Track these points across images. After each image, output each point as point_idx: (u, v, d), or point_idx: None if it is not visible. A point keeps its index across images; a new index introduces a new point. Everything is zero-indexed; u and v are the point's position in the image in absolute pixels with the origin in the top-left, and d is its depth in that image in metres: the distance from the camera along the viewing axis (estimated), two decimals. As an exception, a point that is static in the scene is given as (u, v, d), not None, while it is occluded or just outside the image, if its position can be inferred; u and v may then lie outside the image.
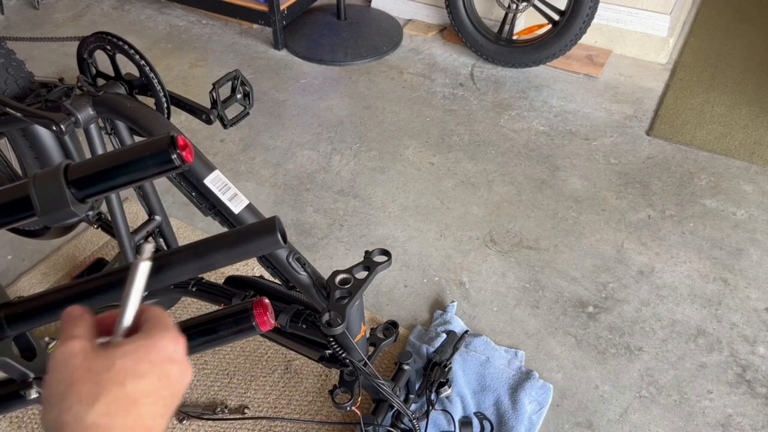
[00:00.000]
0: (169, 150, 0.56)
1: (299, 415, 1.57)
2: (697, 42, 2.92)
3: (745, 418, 1.55)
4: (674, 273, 1.89)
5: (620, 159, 2.30)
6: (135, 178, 0.58)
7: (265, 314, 0.61)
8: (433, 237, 2.02)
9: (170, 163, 0.56)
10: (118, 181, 0.58)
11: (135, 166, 0.57)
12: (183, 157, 0.57)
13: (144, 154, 0.57)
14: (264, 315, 0.61)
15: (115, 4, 3.31)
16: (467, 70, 2.78)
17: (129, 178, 0.58)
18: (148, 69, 1.26)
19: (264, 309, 0.61)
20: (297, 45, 2.94)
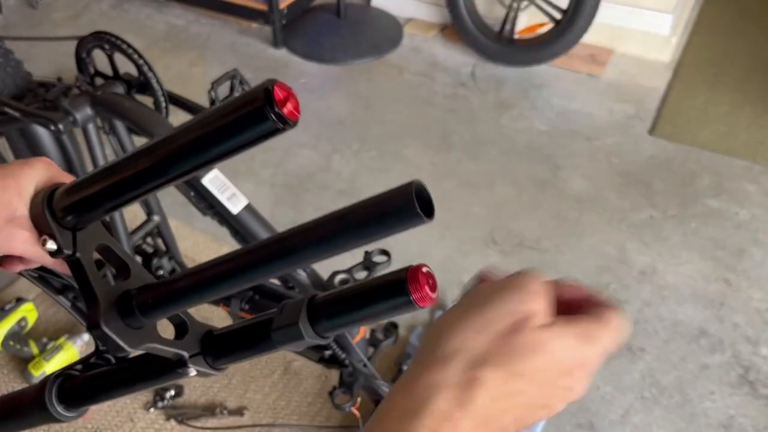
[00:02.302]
0: (264, 107, 0.44)
1: (299, 416, 1.56)
2: (700, 41, 2.90)
3: (747, 419, 1.54)
4: (676, 273, 1.88)
5: (622, 159, 2.29)
6: (227, 149, 0.47)
7: (423, 287, 0.50)
8: (434, 237, 2.01)
9: (267, 123, 0.44)
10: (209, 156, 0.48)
11: (219, 135, 0.47)
12: (284, 115, 0.45)
13: (234, 115, 0.46)
14: (422, 288, 0.50)
15: (114, 3, 3.30)
16: (468, 70, 2.77)
17: (224, 147, 0.47)
18: (147, 68, 1.25)
19: (421, 280, 0.50)
20: (297, 44, 2.93)
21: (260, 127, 0.45)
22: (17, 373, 1.65)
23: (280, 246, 0.54)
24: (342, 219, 0.51)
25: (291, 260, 0.54)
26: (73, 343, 1.66)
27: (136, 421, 1.56)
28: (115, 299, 0.58)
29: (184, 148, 0.49)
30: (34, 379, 1.60)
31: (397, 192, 0.49)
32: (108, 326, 0.56)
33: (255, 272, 0.56)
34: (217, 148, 0.48)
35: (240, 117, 0.46)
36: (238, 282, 0.57)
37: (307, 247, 0.53)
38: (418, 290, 0.50)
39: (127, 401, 1.60)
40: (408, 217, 0.48)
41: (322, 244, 0.52)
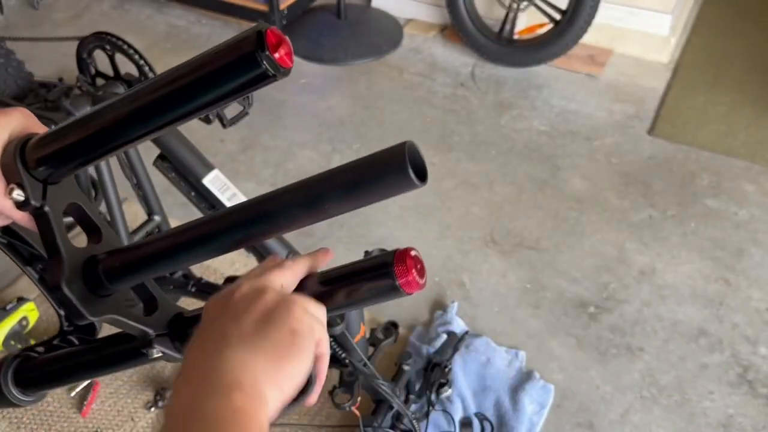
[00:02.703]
0: (255, 51, 0.41)
1: (299, 415, 1.56)
2: (699, 41, 2.91)
3: (747, 418, 1.54)
4: (676, 273, 1.88)
5: (622, 159, 2.30)
6: (216, 95, 0.44)
7: (410, 272, 0.48)
8: (434, 237, 2.02)
9: (258, 68, 0.41)
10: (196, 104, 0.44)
11: (214, 77, 0.43)
12: (276, 60, 0.42)
13: (222, 61, 0.43)
14: (409, 273, 0.48)
15: (115, 3, 3.30)
16: (468, 70, 2.77)
17: (210, 94, 0.44)
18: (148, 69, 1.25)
19: (408, 264, 0.48)
20: (297, 44, 2.94)
21: (251, 72, 0.42)
22: (18, 373, 1.65)
23: (261, 208, 0.51)
24: (329, 180, 0.48)
25: (272, 223, 0.51)
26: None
27: (137, 421, 1.56)
28: (81, 262, 0.55)
29: (168, 95, 0.45)
30: (35, 378, 1.60)
31: (388, 153, 0.46)
32: (69, 288, 0.52)
33: (233, 236, 0.52)
34: (203, 95, 0.45)
35: (230, 61, 0.43)
36: (213, 246, 0.53)
37: (289, 209, 0.49)
38: (404, 274, 0.48)
39: (128, 401, 1.61)
40: (400, 180, 0.45)
41: (306, 207, 0.48)
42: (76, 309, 0.53)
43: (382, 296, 0.51)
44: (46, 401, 1.60)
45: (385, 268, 0.49)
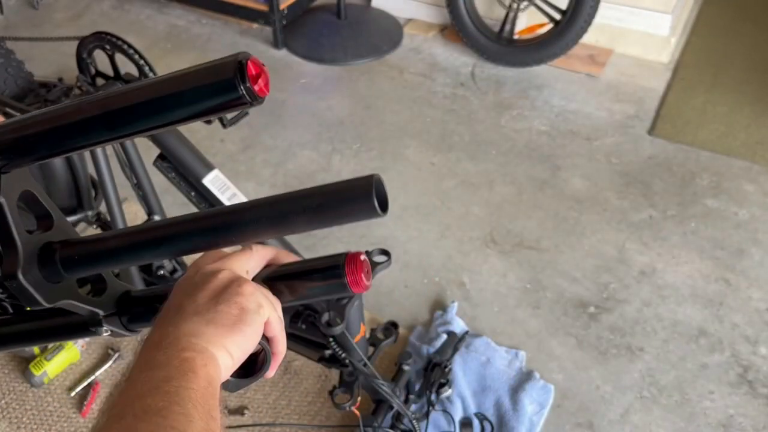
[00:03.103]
0: (234, 78, 0.42)
1: (299, 415, 1.56)
2: (699, 41, 2.91)
3: (747, 418, 1.54)
4: (676, 273, 1.88)
5: (622, 159, 2.30)
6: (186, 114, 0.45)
7: (359, 273, 0.53)
8: (434, 237, 2.02)
9: (235, 95, 0.43)
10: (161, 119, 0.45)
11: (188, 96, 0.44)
12: (254, 91, 0.43)
13: (201, 82, 0.44)
14: (358, 273, 0.53)
15: (115, 3, 3.30)
16: (468, 70, 2.77)
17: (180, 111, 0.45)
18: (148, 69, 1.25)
19: (358, 267, 0.53)
20: (297, 44, 2.94)
21: (227, 98, 0.43)
22: (18, 373, 1.65)
23: (229, 217, 0.53)
24: (300, 200, 0.51)
25: (237, 234, 0.53)
26: (74, 343, 1.66)
27: (136, 421, 1.56)
28: (36, 250, 0.55)
29: (140, 104, 0.45)
30: (35, 378, 1.60)
31: (357, 182, 0.50)
32: (26, 277, 0.52)
33: (198, 240, 0.54)
34: (173, 112, 0.45)
35: (208, 85, 0.44)
36: (177, 247, 0.55)
37: (257, 222, 0.52)
38: (353, 274, 0.52)
39: (128, 401, 1.61)
40: (365, 208, 0.49)
41: (273, 222, 0.51)
42: (32, 297, 0.53)
43: (330, 293, 0.56)
44: (46, 401, 1.61)
45: (336, 269, 0.54)
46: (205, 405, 0.49)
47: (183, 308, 0.54)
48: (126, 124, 0.46)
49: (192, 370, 0.49)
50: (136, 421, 0.46)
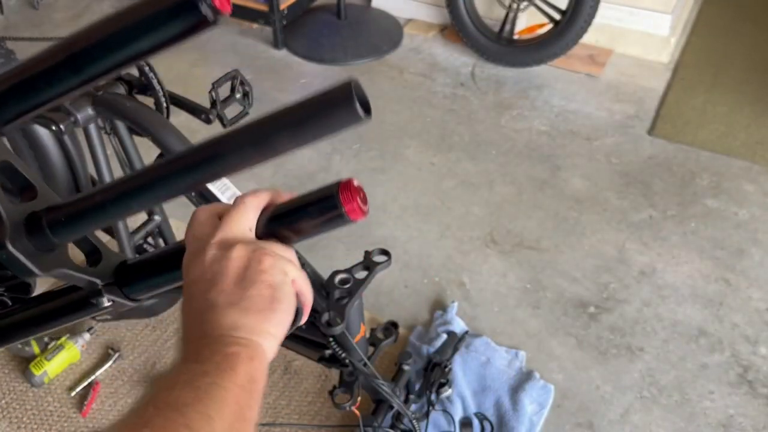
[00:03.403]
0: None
1: (299, 415, 1.56)
2: (699, 41, 2.91)
3: (747, 418, 1.54)
4: (676, 273, 1.88)
5: (622, 159, 2.30)
6: (151, 42, 0.43)
7: (354, 200, 0.51)
8: (434, 237, 2.02)
9: (197, 14, 0.41)
10: (126, 53, 0.44)
11: (150, 22, 0.43)
12: (214, 5, 0.42)
13: (162, 5, 0.42)
14: (353, 201, 0.51)
15: (115, 3, 3.30)
16: (468, 70, 2.77)
17: (145, 40, 0.43)
18: (148, 69, 1.25)
19: (353, 193, 0.50)
20: (297, 45, 2.94)
21: (189, 15, 0.41)
22: (18, 373, 1.65)
23: (212, 149, 0.51)
24: (279, 118, 0.49)
25: (223, 164, 0.51)
26: (74, 343, 1.67)
27: (136, 421, 1.56)
28: (22, 220, 0.54)
29: (102, 40, 0.44)
30: (35, 378, 1.60)
31: (336, 89, 0.48)
32: (15, 246, 0.52)
33: (184, 179, 0.52)
34: (139, 40, 0.44)
35: (169, 6, 0.42)
36: (164, 191, 0.52)
37: (240, 149, 0.50)
38: (349, 202, 0.50)
39: (128, 401, 1.61)
40: (347, 114, 0.48)
41: (257, 146, 0.49)
42: (25, 266, 0.52)
43: (330, 226, 0.54)
44: (46, 401, 1.61)
45: (331, 200, 0.51)
46: (237, 405, 0.47)
47: (214, 303, 0.53)
48: (92, 62, 0.45)
49: (232, 367, 0.48)
50: (154, 413, 0.45)
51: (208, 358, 0.49)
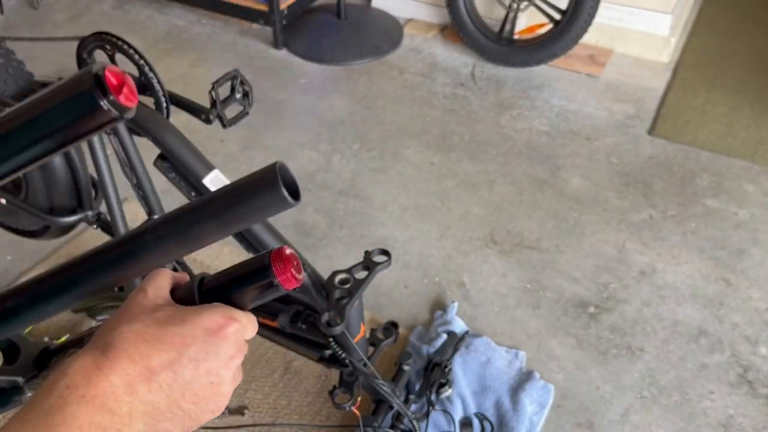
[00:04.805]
0: (93, 91, 0.38)
1: (299, 415, 1.56)
2: (699, 41, 2.91)
3: (747, 418, 1.54)
4: (676, 273, 1.88)
5: (622, 159, 2.30)
6: (51, 143, 0.41)
7: (288, 270, 0.48)
8: (434, 237, 2.02)
9: (98, 110, 0.39)
10: (34, 150, 0.41)
11: (47, 120, 0.40)
12: (119, 102, 0.40)
13: (59, 100, 0.40)
14: (287, 271, 0.48)
15: (115, 3, 3.30)
16: (468, 70, 2.77)
17: (41, 137, 0.41)
18: (148, 69, 1.25)
19: (286, 262, 0.47)
20: (297, 45, 2.94)
21: (92, 114, 0.40)
22: (18, 373, 1.65)
23: (132, 245, 0.48)
24: (203, 208, 0.47)
25: (144, 260, 0.48)
26: (74, 343, 1.66)
27: (136, 421, 1.56)
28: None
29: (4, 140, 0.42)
30: (35, 378, 1.60)
31: (260, 174, 0.46)
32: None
33: (99, 278, 0.49)
34: (38, 140, 0.41)
35: (67, 103, 0.40)
36: (79, 289, 0.49)
37: (163, 243, 0.47)
38: (283, 273, 0.48)
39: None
40: (274, 199, 0.45)
41: (181, 239, 0.47)
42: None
43: (266, 296, 0.51)
44: (46, 401, 1.60)
45: (264, 271, 0.48)
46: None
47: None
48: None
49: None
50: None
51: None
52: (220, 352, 0.47)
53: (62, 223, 1.55)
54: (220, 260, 1.95)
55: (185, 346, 0.46)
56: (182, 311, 0.48)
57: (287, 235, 1.29)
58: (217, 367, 0.47)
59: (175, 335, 0.46)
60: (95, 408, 0.43)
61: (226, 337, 0.47)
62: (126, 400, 0.44)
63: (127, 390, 0.44)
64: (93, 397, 0.43)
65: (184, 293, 0.51)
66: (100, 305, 1.69)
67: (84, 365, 0.44)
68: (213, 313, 0.48)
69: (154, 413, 0.45)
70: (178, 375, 0.46)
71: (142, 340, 0.46)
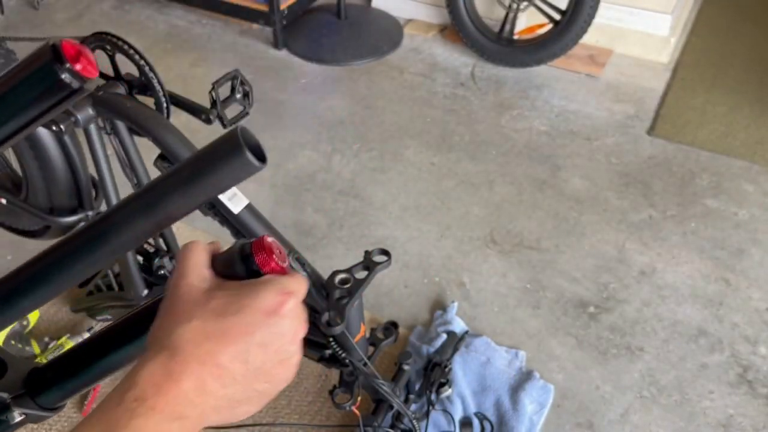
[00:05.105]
0: (51, 62, 0.39)
1: (299, 415, 1.56)
2: (699, 41, 2.91)
3: (746, 418, 1.54)
4: (675, 273, 1.89)
5: (621, 159, 2.30)
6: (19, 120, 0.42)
7: (271, 257, 0.47)
8: (434, 237, 2.02)
9: (58, 82, 0.40)
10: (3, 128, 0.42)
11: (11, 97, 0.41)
12: (76, 71, 0.41)
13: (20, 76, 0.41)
14: (270, 259, 0.47)
15: (115, 4, 3.30)
16: (468, 70, 2.77)
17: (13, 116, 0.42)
18: (148, 69, 1.25)
19: (268, 251, 0.47)
20: (297, 45, 2.94)
21: (53, 85, 0.40)
22: (19, 373, 1.65)
23: (101, 227, 0.47)
24: (167, 180, 0.46)
25: (116, 243, 0.47)
26: (74, 342, 1.67)
27: (137, 421, 1.56)
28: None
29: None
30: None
31: (223, 139, 0.45)
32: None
33: (74, 266, 0.48)
34: (6, 117, 0.42)
35: (29, 78, 0.40)
36: (55, 281, 0.48)
37: (133, 221, 0.46)
38: (266, 264, 0.47)
39: (128, 400, 1.61)
40: (239, 163, 0.45)
41: (147, 214, 0.46)
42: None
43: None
44: (46, 401, 1.60)
45: (246, 258, 0.48)
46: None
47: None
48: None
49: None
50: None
51: None
52: (284, 330, 0.46)
53: (62, 223, 1.55)
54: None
55: (250, 334, 0.45)
56: (235, 295, 0.46)
57: (287, 235, 1.29)
58: (284, 344, 0.46)
59: (238, 326, 0.45)
60: (164, 418, 0.42)
61: (286, 315, 0.46)
62: (198, 402, 0.43)
63: (199, 392, 0.43)
64: (163, 408, 0.42)
65: (227, 267, 0.49)
66: (100, 305, 1.69)
67: (152, 373, 0.43)
68: (267, 291, 0.46)
69: (230, 404, 0.45)
70: (249, 363, 0.45)
71: (205, 338, 0.44)
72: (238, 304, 0.45)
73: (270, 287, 0.46)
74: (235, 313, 0.45)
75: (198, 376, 0.43)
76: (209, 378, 0.44)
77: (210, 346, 0.44)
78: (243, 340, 0.45)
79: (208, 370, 0.44)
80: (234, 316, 0.45)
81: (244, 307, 0.45)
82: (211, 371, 0.44)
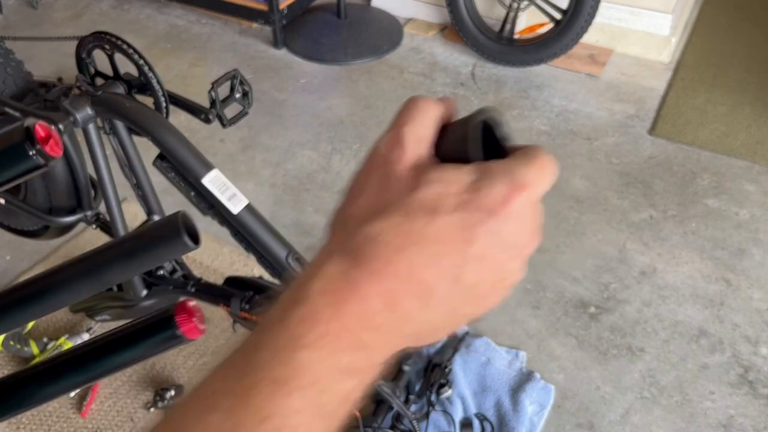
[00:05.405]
0: (24, 143, 0.46)
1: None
2: (699, 41, 2.90)
3: (747, 419, 1.54)
4: (676, 273, 1.88)
5: (622, 159, 2.29)
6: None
7: (191, 320, 0.49)
8: (434, 237, 2.01)
9: (28, 160, 0.46)
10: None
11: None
12: (45, 152, 0.47)
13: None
14: (190, 321, 0.49)
15: (114, 3, 3.30)
16: (468, 70, 2.77)
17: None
18: (147, 68, 1.25)
19: (189, 313, 0.50)
20: (297, 44, 2.93)
21: (21, 161, 0.46)
22: (18, 373, 1.65)
23: (43, 284, 0.50)
24: (109, 251, 0.51)
25: (54, 299, 0.50)
26: (73, 343, 1.66)
27: (136, 421, 1.56)
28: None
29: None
30: (34, 379, 1.60)
31: (165, 222, 0.51)
32: None
33: (18, 313, 0.51)
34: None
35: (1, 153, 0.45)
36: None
37: (70, 282, 0.50)
38: (186, 323, 0.50)
39: (128, 401, 1.60)
40: (177, 245, 0.50)
41: (87, 278, 0.49)
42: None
43: (164, 346, 0.52)
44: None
45: (167, 321, 0.51)
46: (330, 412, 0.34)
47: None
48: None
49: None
50: (204, 412, 0.32)
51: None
52: (508, 236, 0.33)
53: (61, 223, 1.55)
54: (219, 260, 1.94)
55: (467, 242, 0.32)
56: (454, 183, 0.33)
57: (287, 235, 1.29)
58: (506, 258, 0.34)
59: (454, 229, 0.32)
60: (338, 349, 0.32)
61: (512, 215, 0.33)
62: (385, 327, 0.32)
63: (389, 315, 0.32)
64: (338, 334, 0.32)
65: (453, 144, 0.36)
66: (99, 305, 1.69)
67: (328, 286, 0.32)
68: (494, 180, 0.34)
69: (420, 332, 0.34)
70: (459, 282, 0.33)
71: (409, 242, 0.32)
72: (456, 197, 0.33)
73: (498, 176, 0.34)
74: (451, 210, 0.33)
75: (389, 294, 0.32)
76: (406, 297, 0.32)
77: (413, 253, 0.32)
78: (458, 249, 0.32)
79: (404, 288, 0.32)
80: (449, 216, 0.33)
81: (464, 203, 0.33)
82: (408, 289, 0.32)
